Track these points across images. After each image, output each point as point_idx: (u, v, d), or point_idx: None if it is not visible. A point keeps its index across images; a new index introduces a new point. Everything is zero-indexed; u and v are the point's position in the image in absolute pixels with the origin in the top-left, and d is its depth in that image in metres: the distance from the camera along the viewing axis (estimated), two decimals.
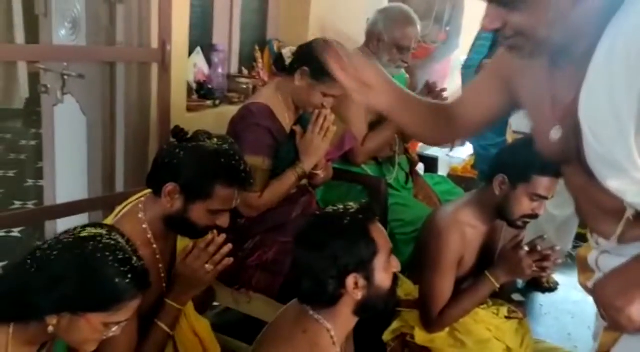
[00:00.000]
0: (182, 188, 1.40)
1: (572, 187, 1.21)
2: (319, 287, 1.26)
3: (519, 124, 2.69)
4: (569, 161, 1.10)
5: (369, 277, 1.27)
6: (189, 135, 1.45)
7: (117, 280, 1.08)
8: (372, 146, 2.31)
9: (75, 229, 1.13)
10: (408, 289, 2.02)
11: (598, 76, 0.95)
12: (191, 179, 1.39)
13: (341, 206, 1.32)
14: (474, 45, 3.24)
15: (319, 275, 1.25)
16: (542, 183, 1.76)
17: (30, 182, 3.97)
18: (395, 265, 1.35)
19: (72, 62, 2.27)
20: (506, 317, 1.99)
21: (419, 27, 2.39)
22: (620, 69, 0.91)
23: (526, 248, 1.83)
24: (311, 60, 1.88)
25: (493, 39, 3.07)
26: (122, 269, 1.08)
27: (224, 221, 1.47)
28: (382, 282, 1.30)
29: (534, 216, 1.83)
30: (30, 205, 3.49)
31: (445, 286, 1.86)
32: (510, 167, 1.79)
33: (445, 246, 1.84)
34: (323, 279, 1.25)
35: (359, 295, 1.27)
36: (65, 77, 2.31)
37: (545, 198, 1.80)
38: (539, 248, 1.84)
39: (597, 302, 1.14)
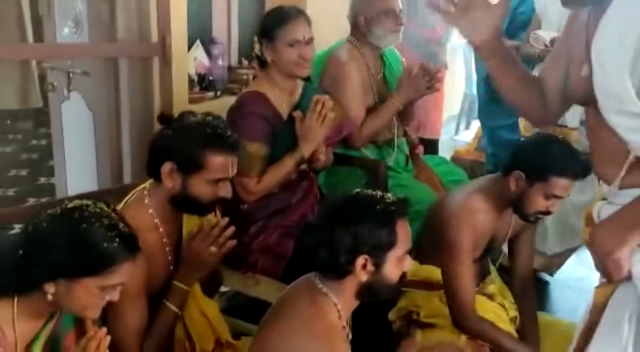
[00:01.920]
0: (178, 165, 1.46)
1: (590, 129, 1.32)
2: (332, 257, 1.32)
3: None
4: (592, 99, 1.19)
5: (378, 264, 1.32)
6: (174, 118, 1.53)
7: (105, 244, 1.15)
8: (370, 130, 2.34)
9: (62, 202, 1.21)
10: (414, 269, 2.03)
11: (613, 16, 1.10)
12: (183, 154, 1.46)
13: (380, 193, 1.37)
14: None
15: (335, 245, 1.30)
16: (560, 184, 1.77)
17: (42, 180, 4.06)
18: (408, 265, 1.40)
19: (76, 60, 2.34)
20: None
21: None
22: (634, 12, 1.06)
23: None
24: (263, 30, 1.98)
25: (510, 18, 3.04)
26: (109, 234, 1.16)
27: (225, 190, 1.52)
28: (390, 274, 1.35)
29: (548, 213, 1.86)
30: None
31: (466, 273, 1.86)
32: (529, 164, 1.80)
33: (461, 234, 1.85)
34: (338, 249, 1.30)
35: (364, 277, 1.32)
36: (71, 74, 2.39)
37: (561, 198, 1.82)
38: None
39: (591, 248, 1.21)
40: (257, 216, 2.03)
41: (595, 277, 1.27)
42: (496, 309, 1.99)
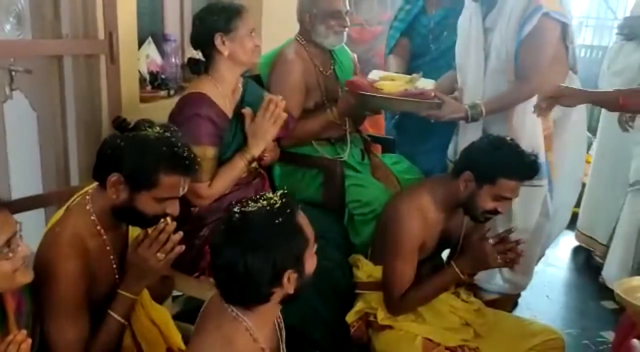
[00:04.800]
0: (126, 178, 1.40)
1: None
2: (252, 289, 1.19)
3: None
4: None
5: (300, 270, 1.23)
6: (130, 125, 1.45)
7: None
8: (299, 132, 2.31)
9: None
10: (369, 270, 2.05)
11: None
12: (134, 169, 1.39)
13: (263, 201, 1.22)
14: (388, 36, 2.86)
15: (254, 277, 1.17)
16: (507, 185, 1.81)
17: None
18: (315, 247, 1.29)
19: (18, 57, 2.23)
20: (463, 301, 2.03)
21: None
22: None
23: (491, 240, 1.85)
24: (218, 25, 1.91)
25: (403, 29, 2.75)
26: None
27: (173, 208, 1.47)
28: (310, 269, 1.26)
29: (496, 213, 1.88)
30: None
31: (406, 270, 1.90)
32: (478, 166, 1.83)
33: (407, 231, 1.88)
34: (258, 282, 1.18)
35: (292, 289, 1.22)
36: (13, 72, 2.28)
37: (510, 199, 1.85)
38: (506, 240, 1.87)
39: None
40: (209, 218, 1.99)
41: (550, 272, 1.28)
42: (449, 299, 1.99)
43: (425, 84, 2.26)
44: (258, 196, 1.24)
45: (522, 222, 2.32)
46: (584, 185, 2.95)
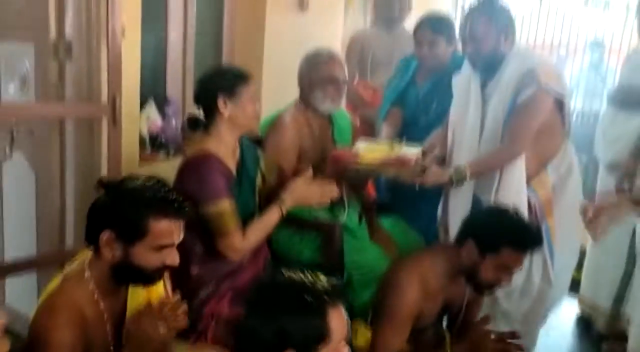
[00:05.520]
0: (118, 233, 1.37)
1: None
2: (252, 348, 1.20)
3: None
4: None
5: None
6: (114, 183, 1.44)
7: None
8: None
9: None
10: (368, 337, 1.99)
11: None
12: (123, 221, 1.36)
13: (312, 278, 1.23)
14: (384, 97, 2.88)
15: (258, 341, 1.18)
16: (511, 256, 1.78)
17: None
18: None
19: (20, 120, 2.25)
20: None
21: (344, 66, 2.46)
22: None
23: (493, 336, 1.83)
24: (224, 87, 1.94)
25: (393, 99, 2.77)
26: None
27: (171, 258, 1.43)
28: None
29: (499, 283, 1.86)
30: None
31: (395, 341, 1.85)
32: (481, 236, 1.81)
33: (404, 300, 1.84)
34: (258, 341, 1.18)
35: None
36: (14, 132, 2.29)
37: (515, 269, 1.83)
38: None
39: None
40: (208, 279, 1.96)
41: (553, 338, 1.24)
42: None
43: (411, 150, 2.28)
44: (314, 273, 1.25)
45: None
46: (584, 251, 2.92)
